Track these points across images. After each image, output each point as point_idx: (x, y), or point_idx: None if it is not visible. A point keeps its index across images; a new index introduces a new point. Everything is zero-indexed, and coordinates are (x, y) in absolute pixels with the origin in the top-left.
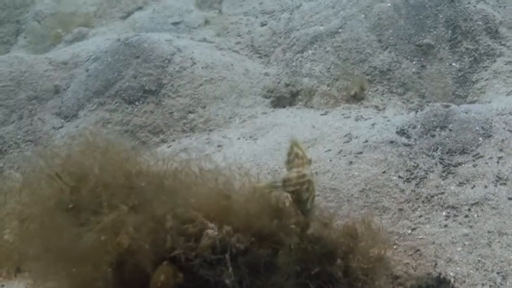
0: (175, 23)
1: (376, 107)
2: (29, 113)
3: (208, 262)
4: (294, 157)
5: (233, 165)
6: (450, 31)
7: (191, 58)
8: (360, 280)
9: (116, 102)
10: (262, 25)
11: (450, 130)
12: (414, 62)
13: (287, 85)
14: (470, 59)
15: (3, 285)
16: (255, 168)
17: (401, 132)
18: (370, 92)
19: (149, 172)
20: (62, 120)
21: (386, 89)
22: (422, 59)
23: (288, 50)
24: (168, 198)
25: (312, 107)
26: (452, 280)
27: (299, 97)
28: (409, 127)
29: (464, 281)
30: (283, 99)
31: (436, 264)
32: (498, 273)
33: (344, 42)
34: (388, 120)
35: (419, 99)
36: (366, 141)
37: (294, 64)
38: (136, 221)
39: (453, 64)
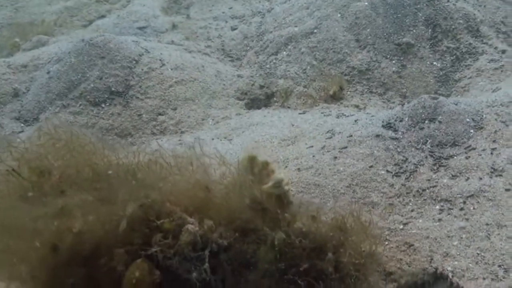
0: (141, 28)
1: (357, 106)
2: None
3: (188, 260)
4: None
5: (210, 153)
6: (430, 30)
7: (160, 60)
8: (352, 276)
9: (80, 105)
10: (233, 29)
11: (440, 122)
12: (394, 61)
13: (261, 86)
14: (452, 57)
15: None
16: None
17: (388, 126)
18: (349, 92)
19: (119, 164)
20: (22, 124)
21: (366, 89)
22: (402, 58)
23: (261, 53)
24: (140, 191)
25: (289, 107)
26: (450, 275)
27: (275, 98)
28: (395, 120)
29: (463, 275)
30: (257, 101)
31: (432, 259)
32: (499, 266)
33: (320, 43)
34: (372, 116)
35: (400, 99)
36: (351, 135)
37: (268, 66)
38: (96, 208)
39: (434, 63)
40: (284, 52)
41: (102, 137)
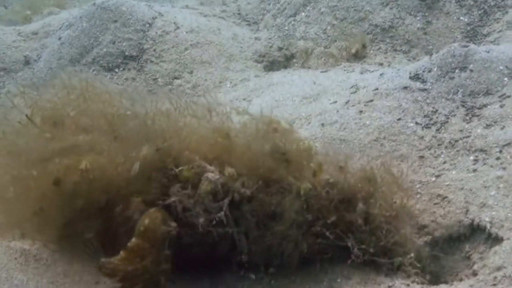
0: None
1: (381, 64)
2: None
3: (209, 211)
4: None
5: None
6: None
7: (174, 23)
8: (383, 228)
9: (93, 70)
10: None
11: (471, 70)
12: (418, 18)
13: (280, 48)
14: (480, 12)
15: None
16: None
17: (415, 77)
18: (372, 51)
19: (137, 114)
20: (35, 92)
21: (390, 47)
22: (427, 14)
23: (278, 16)
24: (157, 135)
25: (309, 68)
26: (488, 225)
27: (294, 60)
28: (423, 71)
29: (503, 226)
30: (276, 63)
31: (467, 210)
32: None
33: (340, 1)
34: (399, 69)
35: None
36: (376, 89)
37: (286, 28)
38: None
39: (461, 18)
40: (303, 13)
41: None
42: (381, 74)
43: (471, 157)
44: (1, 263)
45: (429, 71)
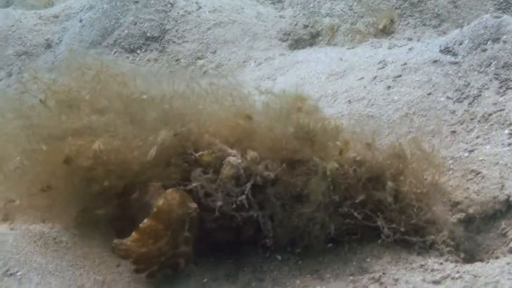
0: None
1: (409, 39)
2: (18, 69)
3: (232, 195)
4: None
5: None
6: None
7: (196, 2)
8: (414, 206)
9: (115, 52)
10: None
11: (505, 42)
12: None
13: (305, 26)
14: None
15: None
16: None
17: (446, 51)
18: (400, 26)
19: (153, 97)
20: (52, 76)
21: (419, 22)
22: None
23: None
24: (176, 119)
25: (336, 45)
26: None
27: (320, 37)
28: (454, 44)
29: None
30: (301, 41)
31: (503, 186)
32: None
33: None
34: (428, 43)
35: None
36: (405, 63)
37: (311, 5)
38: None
39: None
40: None
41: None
42: (410, 49)
43: (506, 131)
44: (20, 246)
45: (460, 44)
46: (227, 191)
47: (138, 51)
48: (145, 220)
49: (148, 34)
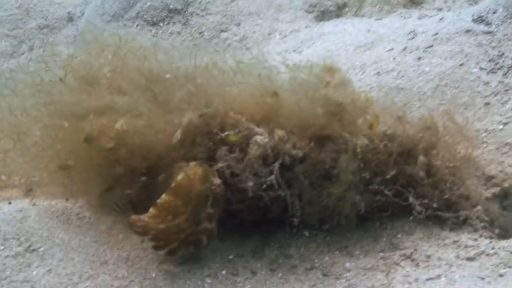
0: None
1: (440, 9)
2: (40, 43)
3: (259, 175)
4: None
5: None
6: None
7: None
8: (447, 180)
9: (137, 25)
10: None
11: None
12: None
13: None
14: None
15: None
16: None
17: (479, 20)
18: None
19: (175, 70)
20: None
21: None
22: None
23: None
24: (200, 98)
25: (363, 16)
26: None
27: (347, 9)
28: (488, 13)
29: None
30: (328, 13)
31: None
32: None
33: None
34: (460, 12)
35: None
36: (436, 33)
37: None
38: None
39: None
40: None
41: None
42: (441, 19)
43: None
44: (42, 221)
45: (494, 13)
46: (255, 171)
47: (161, 24)
48: (163, 196)
49: (171, 7)
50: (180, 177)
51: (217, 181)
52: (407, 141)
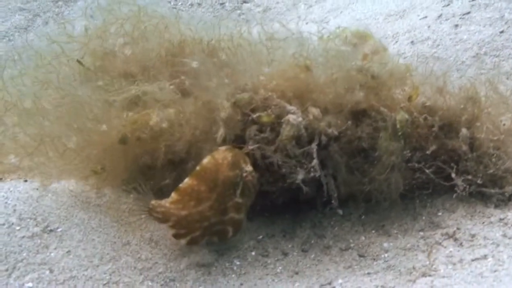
0: None
1: None
2: (55, 17)
3: (292, 157)
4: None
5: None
6: None
7: None
8: (491, 154)
9: None
10: None
11: None
12: None
13: None
14: None
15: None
16: None
17: None
18: None
19: (198, 42)
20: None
21: None
22: None
23: None
24: (226, 77)
25: None
26: None
27: None
28: None
29: None
30: None
31: None
32: None
33: None
34: None
35: None
36: None
37: None
38: (178, 101)
39: None
40: None
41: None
42: None
43: None
44: (60, 200)
45: None
46: (288, 153)
47: None
48: (186, 179)
49: None
50: (206, 160)
51: (248, 168)
52: (449, 113)
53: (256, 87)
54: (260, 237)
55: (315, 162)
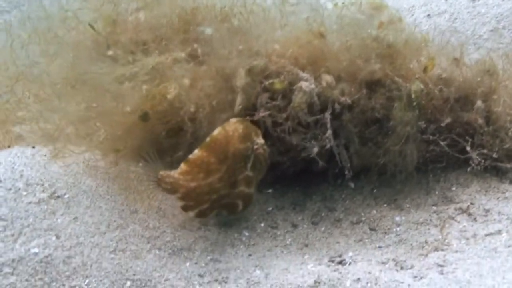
0: None
1: None
2: None
3: (304, 125)
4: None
5: None
6: None
7: None
8: (508, 129)
9: None
10: None
11: None
12: None
13: None
14: None
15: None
16: None
17: None
18: None
19: (211, 9)
20: None
21: None
22: None
23: None
24: (239, 43)
25: None
26: None
27: None
28: None
29: None
30: None
31: None
32: None
33: None
34: None
35: None
36: None
37: None
38: (193, 70)
39: None
40: None
41: None
42: None
43: None
44: (68, 167)
45: None
46: (299, 121)
47: None
48: (196, 151)
49: None
50: (216, 132)
51: (260, 141)
52: (465, 85)
53: (269, 54)
54: (270, 208)
55: (329, 132)
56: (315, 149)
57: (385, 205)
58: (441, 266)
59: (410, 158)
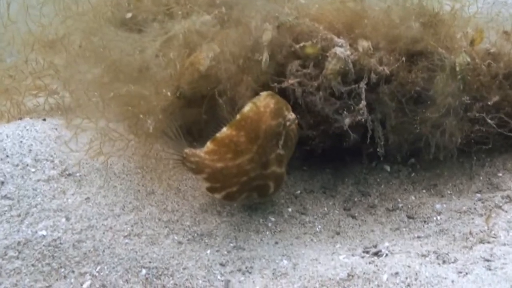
0: None
1: None
2: None
3: (337, 96)
4: None
5: None
6: None
7: None
8: None
9: None
10: None
11: None
12: None
13: None
14: None
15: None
16: None
17: None
18: None
19: None
20: None
21: None
22: None
23: None
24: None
25: None
26: None
27: None
28: None
29: None
30: None
31: None
32: None
33: None
34: None
35: None
36: None
37: None
38: (222, 36)
39: None
40: None
41: None
42: None
43: None
44: (81, 142)
45: None
46: (332, 91)
47: None
48: (224, 129)
49: None
50: (247, 108)
51: (292, 116)
52: None
53: (301, 17)
54: (298, 192)
55: (363, 103)
56: (347, 120)
57: (424, 191)
58: (488, 260)
59: (450, 133)
